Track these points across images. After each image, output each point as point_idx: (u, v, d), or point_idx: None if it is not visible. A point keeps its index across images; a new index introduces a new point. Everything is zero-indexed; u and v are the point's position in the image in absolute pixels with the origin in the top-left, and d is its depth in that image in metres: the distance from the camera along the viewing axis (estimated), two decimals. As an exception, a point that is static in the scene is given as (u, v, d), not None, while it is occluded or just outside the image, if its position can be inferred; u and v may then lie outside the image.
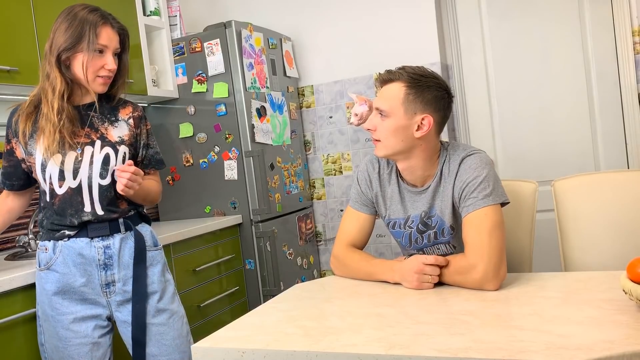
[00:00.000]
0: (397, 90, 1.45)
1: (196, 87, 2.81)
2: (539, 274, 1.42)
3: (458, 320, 1.10)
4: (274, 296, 1.64)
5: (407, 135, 1.44)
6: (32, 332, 1.67)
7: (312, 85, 3.32)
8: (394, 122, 1.44)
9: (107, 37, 1.55)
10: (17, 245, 2.22)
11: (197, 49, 2.80)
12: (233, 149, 2.77)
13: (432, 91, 1.45)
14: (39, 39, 2.11)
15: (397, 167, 1.56)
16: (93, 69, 1.55)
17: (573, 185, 1.75)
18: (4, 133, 2.25)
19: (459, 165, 1.46)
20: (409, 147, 1.46)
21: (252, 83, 2.80)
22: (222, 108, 2.77)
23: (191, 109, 2.84)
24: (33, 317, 1.67)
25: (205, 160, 2.84)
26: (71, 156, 1.57)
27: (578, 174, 1.78)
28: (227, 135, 2.77)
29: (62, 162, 1.56)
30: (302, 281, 3.07)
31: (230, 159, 2.78)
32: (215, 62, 2.76)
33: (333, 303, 1.33)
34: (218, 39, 2.75)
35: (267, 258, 2.74)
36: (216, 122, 2.80)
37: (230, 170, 2.79)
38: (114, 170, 1.60)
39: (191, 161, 2.87)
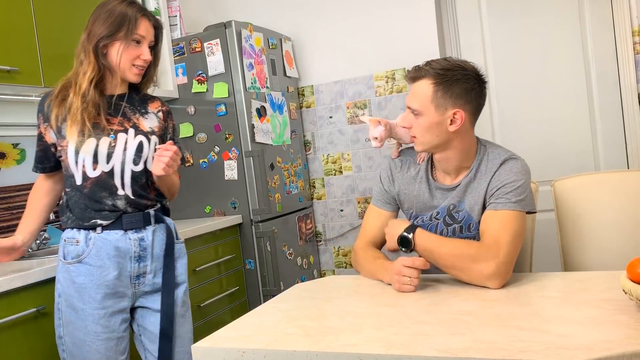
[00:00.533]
0: (425, 87, 1.44)
1: (196, 87, 2.82)
2: (539, 274, 1.42)
3: (458, 320, 1.10)
4: (274, 296, 1.64)
5: (442, 130, 1.45)
6: (32, 332, 1.67)
7: (312, 85, 3.32)
8: (426, 120, 1.45)
9: (145, 28, 1.62)
10: (17, 245, 2.22)
11: (197, 49, 2.80)
12: (233, 149, 2.77)
13: (460, 84, 1.43)
14: (39, 39, 2.12)
15: (429, 164, 1.58)
16: (129, 57, 1.61)
17: (573, 185, 1.75)
18: (3, 133, 2.27)
19: (500, 165, 1.46)
20: (445, 141, 1.46)
21: (252, 83, 2.80)
22: (222, 108, 2.77)
23: (191, 109, 2.84)
24: (33, 317, 1.67)
25: (205, 160, 2.84)
26: (105, 141, 1.61)
27: (578, 174, 1.78)
28: (227, 135, 2.77)
29: (97, 146, 1.60)
30: (302, 281, 3.07)
31: (230, 159, 2.78)
32: (215, 62, 2.76)
33: (333, 303, 1.33)
34: (218, 39, 2.75)
35: (267, 258, 2.74)
36: (216, 122, 2.80)
37: (230, 170, 2.79)
38: (146, 158, 1.66)
39: (191, 161, 2.87)
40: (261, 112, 2.85)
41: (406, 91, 3.09)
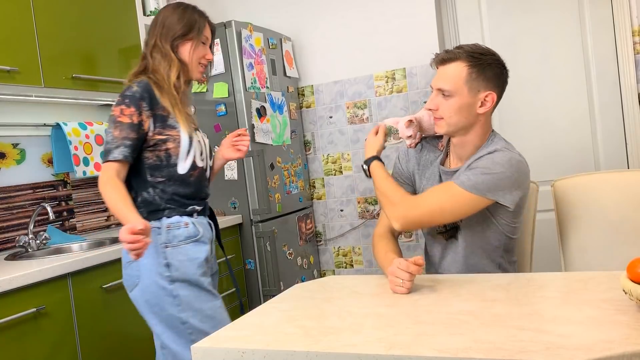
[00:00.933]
0: (459, 69, 1.48)
1: (196, 87, 2.81)
2: (539, 274, 1.42)
3: (458, 320, 1.10)
4: (274, 296, 1.64)
5: (470, 113, 1.50)
6: (32, 332, 1.67)
7: (312, 85, 3.32)
8: (458, 101, 1.49)
9: (208, 32, 1.78)
10: (17, 245, 2.23)
11: (197, 49, 2.80)
12: (233, 149, 2.77)
13: (493, 68, 1.49)
14: (39, 39, 2.12)
15: (446, 149, 1.62)
16: (197, 56, 1.74)
17: (573, 185, 1.75)
18: (3, 133, 2.27)
19: (488, 153, 1.49)
20: (470, 124, 1.52)
21: (252, 83, 2.80)
22: (222, 108, 2.77)
23: (191, 109, 2.84)
24: (33, 317, 1.67)
25: (205, 160, 2.84)
26: (198, 135, 1.77)
27: (578, 174, 1.78)
28: (227, 135, 2.77)
29: (202, 138, 1.78)
30: (302, 281, 3.07)
31: (230, 159, 2.78)
32: (215, 62, 2.76)
33: (333, 303, 1.33)
34: (218, 39, 2.74)
35: (267, 258, 2.74)
36: (216, 122, 2.79)
37: (230, 170, 2.79)
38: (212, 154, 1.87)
39: (191, 161, 2.87)
40: (261, 112, 2.85)
41: (406, 91, 3.09)
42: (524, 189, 1.49)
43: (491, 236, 1.54)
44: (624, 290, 1.06)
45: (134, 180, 1.67)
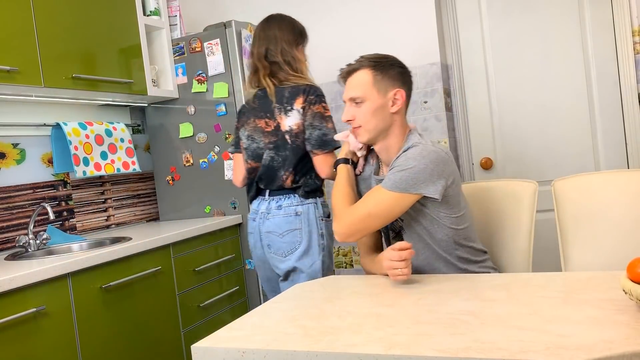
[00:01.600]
0: (364, 75, 1.58)
1: (196, 87, 2.81)
2: (539, 274, 1.42)
3: (458, 320, 1.10)
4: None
5: (385, 114, 1.58)
6: (32, 332, 1.67)
7: (312, 85, 3.31)
8: (371, 105, 1.56)
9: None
10: (17, 245, 2.23)
11: (197, 49, 2.80)
12: (233, 149, 2.77)
13: (395, 68, 1.60)
14: (39, 39, 2.12)
15: (378, 162, 1.69)
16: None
17: (573, 185, 1.75)
18: (3, 133, 2.27)
19: (403, 152, 1.53)
20: (388, 125, 1.59)
21: (252, 83, 2.80)
22: (222, 108, 2.77)
23: (191, 109, 2.84)
24: (33, 317, 1.67)
25: (205, 160, 2.84)
26: None
27: (578, 174, 1.78)
28: (227, 135, 2.77)
29: None
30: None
31: (230, 159, 2.78)
32: (215, 62, 2.76)
33: (333, 303, 1.33)
34: (218, 39, 2.74)
35: (267, 258, 2.73)
36: (216, 122, 2.80)
37: (231, 170, 2.79)
38: None
39: (191, 161, 2.87)
40: (261, 112, 2.85)
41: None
42: (447, 177, 1.50)
43: (436, 231, 1.56)
44: (624, 290, 1.06)
45: (300, 164, 2.02)
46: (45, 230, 2.36)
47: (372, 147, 1.70)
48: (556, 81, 2.92)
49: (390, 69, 1.58)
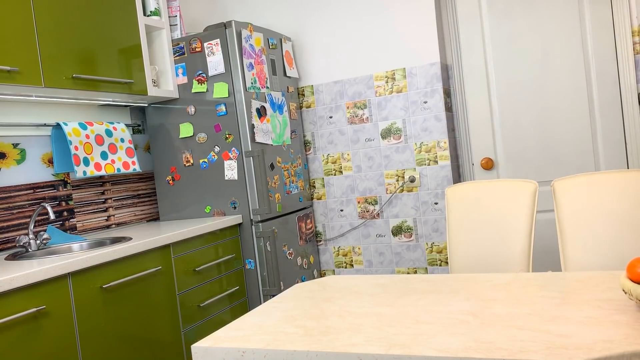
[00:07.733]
0: None
1: (196, 87, 2.82)
2: (539, 274, 1.42)
3: (458, 320, 1.10)
4: (274, 296, 1.64)
5: None
6: (32, 332, 1.67)
7: (312, 85, 3.32)
8: None
9: None
10: (17, 245, 2.23)
11: (197, 49, 2.80)
12: (233, 149, 2.77)
13: None
14: (39, 39, 2.12)
15: None
16: None
17: (573, 185, 1.75)
18: (3, 133, 2.27)
19: None
20: None
21: (252, 83, 2.80)
22: (222, 108, 2.77)
23: (191, 109, 2.84)
24: (33, 317, 1.67)
25: (205, 160, 2.84)
26: None
27: (578, 174, 1.78)
28: (227, 135, 2.77)
29: None
30: (302, 281, 3.07)
31: (230, 159, 2.78)
32: (215, 62, 2.76)
33: (333, 303, 1.33)
34: (218, 39, 2.75)
35: (267, 258, 2.74)
36: (216, 122, 2.80)
37: (230, 170, 2.79)
38: None
39: (191, 161, 2.87)
40: (261, 112, 2.85)
41: (406, 91, 3.09)
42: None
43: None
44: (623, 290, 1.06)
45: None
46: (45, 230, 2.36)
47: None
48: (556, 81, 2.92)
49: None
